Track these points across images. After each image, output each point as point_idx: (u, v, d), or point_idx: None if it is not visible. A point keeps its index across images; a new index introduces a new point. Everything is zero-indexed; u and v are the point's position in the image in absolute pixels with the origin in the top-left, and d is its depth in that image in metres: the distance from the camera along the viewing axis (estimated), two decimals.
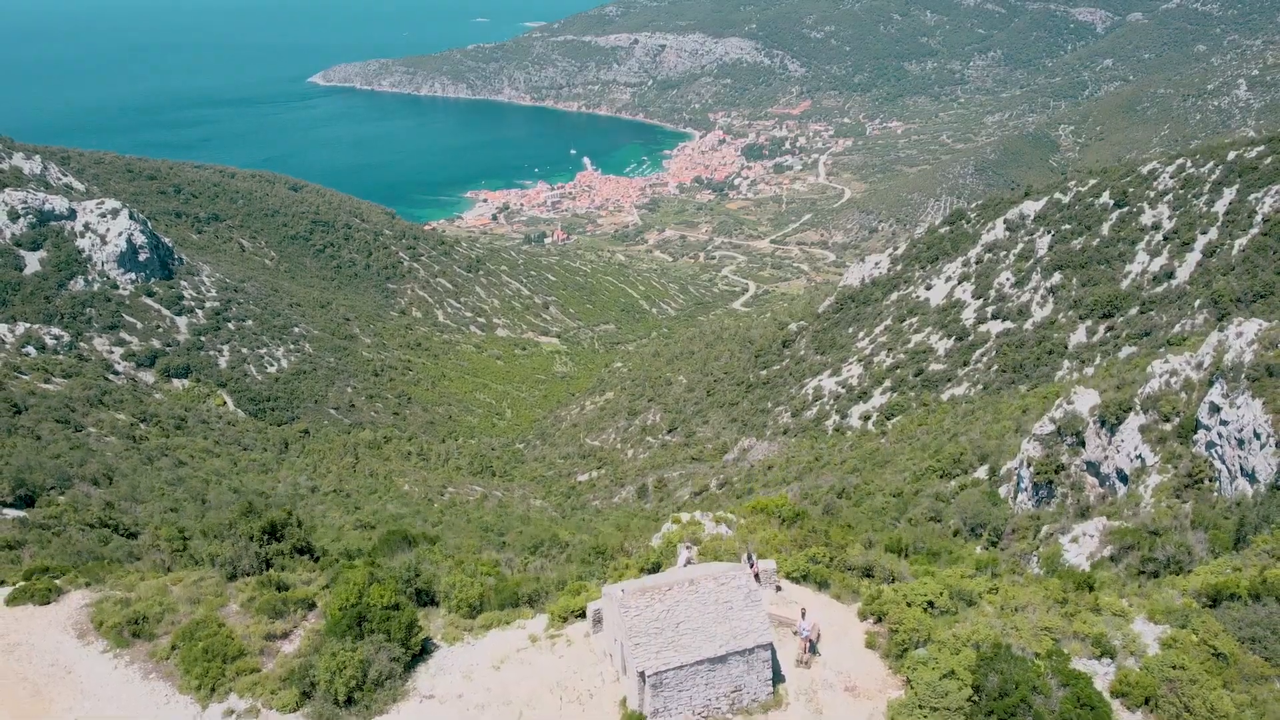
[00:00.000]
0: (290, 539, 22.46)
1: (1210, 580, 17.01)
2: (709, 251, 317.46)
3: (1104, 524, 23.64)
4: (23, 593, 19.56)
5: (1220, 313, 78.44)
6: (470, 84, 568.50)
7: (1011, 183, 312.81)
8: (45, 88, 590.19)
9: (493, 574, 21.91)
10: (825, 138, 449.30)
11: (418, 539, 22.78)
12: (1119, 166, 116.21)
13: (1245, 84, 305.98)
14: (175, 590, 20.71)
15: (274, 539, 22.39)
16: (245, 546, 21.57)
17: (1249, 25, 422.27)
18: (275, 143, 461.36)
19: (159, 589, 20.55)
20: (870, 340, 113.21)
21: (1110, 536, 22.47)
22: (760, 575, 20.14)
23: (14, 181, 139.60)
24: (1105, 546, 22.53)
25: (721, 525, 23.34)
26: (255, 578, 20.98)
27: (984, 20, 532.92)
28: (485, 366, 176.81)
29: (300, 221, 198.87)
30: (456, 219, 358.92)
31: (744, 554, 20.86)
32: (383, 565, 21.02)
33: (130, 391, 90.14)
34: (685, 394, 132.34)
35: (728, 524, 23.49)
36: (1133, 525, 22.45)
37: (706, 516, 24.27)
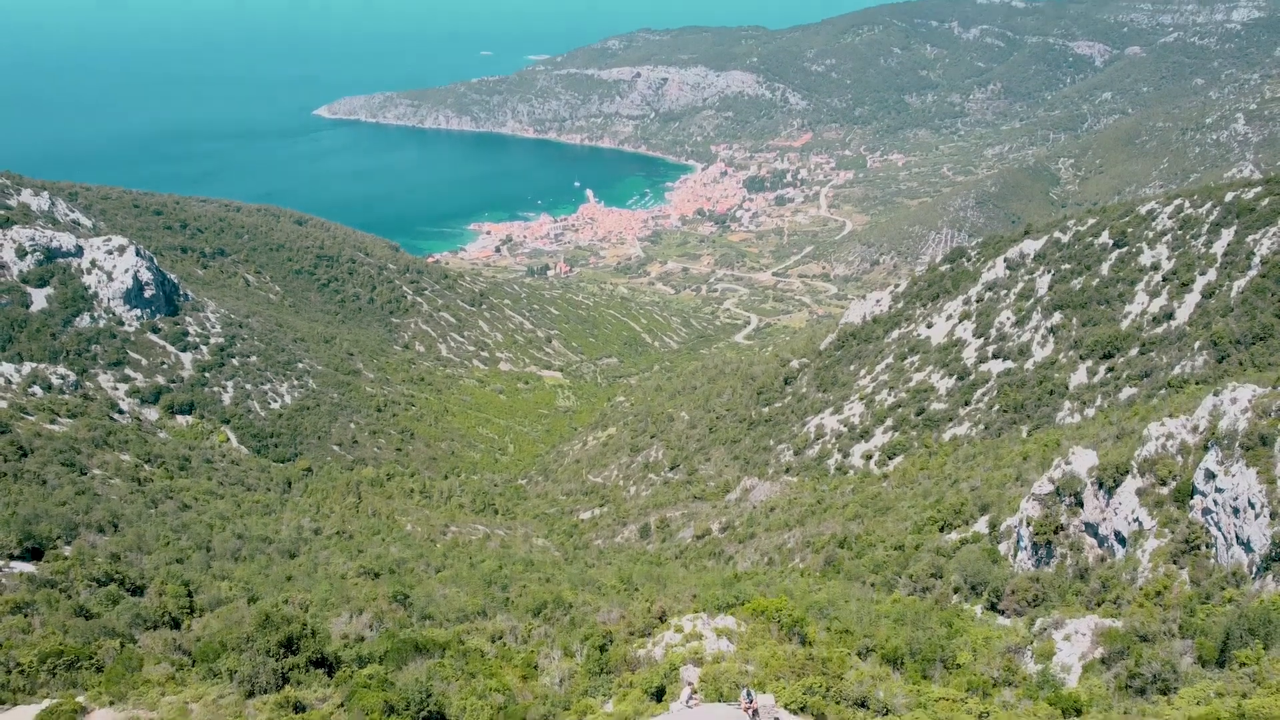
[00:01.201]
0: (305, 651, 22.70)
1: (1192, 713, 17.21)
2: (711, 284, 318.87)
3: (1095, 622, 23.87)
4: (50, 714, 19.70)
5: (1220, 354, 78.92)
6: (474, 116, 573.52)
7: (1012, 215, 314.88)
8: (54, 120, 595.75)
9: (502, 688, 22.12)
10: (826, 170, 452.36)
11: (428, 645, 23.00)
12: (1118, 206, 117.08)
13: (1243, 118, 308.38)
14: (196, 709, 20.94)
15: (290, 652, 22.62)
16: (263, 662, 21.81)
17: (1246, 59, 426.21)
18: (280, 175, 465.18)
19: (180, 709, 20.77)
20: (872, 378, 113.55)
21: (1101, 638, 22.71)
22: (760, 710, 20.57)
23: (22, 218, 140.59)
24: (1097, 648, 22.76)
25: (723, 640, 23.60)
26: (273, 696, 21.21)
27: (983, 54, 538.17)
28: (488, 401, 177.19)
29: (305, 256, 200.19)
30: (460, 251, 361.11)
31: (743, 691, 21.51)
32: (394, 681, 21.12)
33: (135, 431, 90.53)
34: (687, 430, 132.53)
35: (729, 637, 23.74)
36: (1123, 629, 22.68)
37: (708, 625, 24.54)
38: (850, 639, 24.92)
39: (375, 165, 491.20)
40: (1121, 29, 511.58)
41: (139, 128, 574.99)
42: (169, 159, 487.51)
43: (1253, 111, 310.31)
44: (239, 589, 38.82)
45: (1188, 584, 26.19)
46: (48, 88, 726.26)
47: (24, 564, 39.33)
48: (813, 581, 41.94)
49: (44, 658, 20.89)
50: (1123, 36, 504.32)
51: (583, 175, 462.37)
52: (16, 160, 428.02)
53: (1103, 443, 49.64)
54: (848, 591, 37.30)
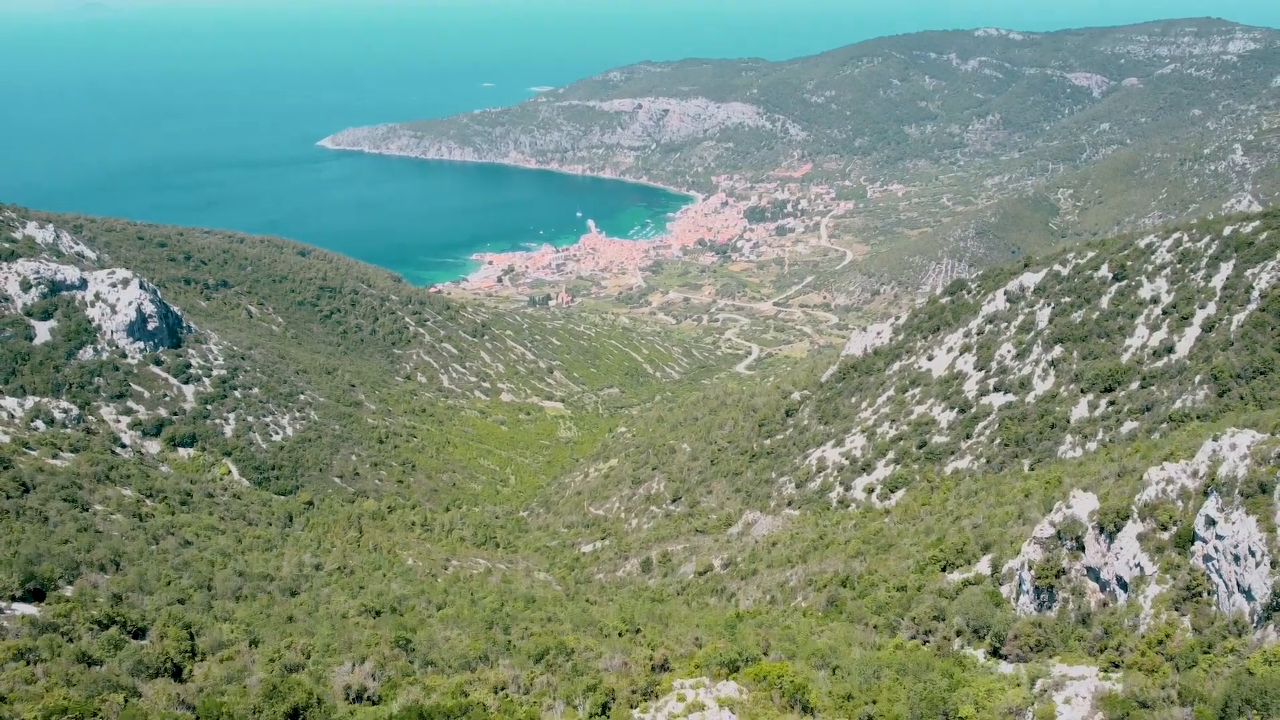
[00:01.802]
0: None
1: None
2: (712, 314, 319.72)
3: (1095, 685, 23.87)
4: None
5: (1221, 389, 79.03)
6: (477, 147, 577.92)
7: (1012, 246, 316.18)
8: (60, 151, 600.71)
9: None
10: (827, 200, 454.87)
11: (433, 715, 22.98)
12: (1117, 239, 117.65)
13: (1241, 149, 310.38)
14: None
15: None
16: None
17: (1243, 90, 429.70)
18: (283, 205, 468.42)
19: None
20: (873, 411, 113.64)
21: (1101, 702, 22.68)
22: None
23: (27, 251, 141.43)
24: (1096, 713, 22.73)
25: (725, 711, 23.59)
26: None
27: (982, 85, 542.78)
28: (489, 432, 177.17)
29: (308, 287, 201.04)
30: (462, 281, 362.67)
31: None
32: None
33: (137, 465, 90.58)
34: (689, 462, 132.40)
35: (731, 708, 23.74)
36: (1123, 693, 22.68)
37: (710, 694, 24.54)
38: (852, 705, 24.86)
39: (378, 195, 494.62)
40: (1118, 60, 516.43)
41: (145, 157, 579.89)
42: (174, 188, 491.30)
43: (1250, 142, 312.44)
44: (240, 631, 38.75)
45: (1190, 632, 26.20)
46: (55, 117, 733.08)
47: (26, 605, 39.33)
48: (815, 623, 41.82)
49: (48, 715, 20.87)
50: (1120, 68, 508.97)
51: (584, 206, 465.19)
52: (24, 190, 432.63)
53: (1103, 481, 49.68)
54: (850, 635, 37.20)
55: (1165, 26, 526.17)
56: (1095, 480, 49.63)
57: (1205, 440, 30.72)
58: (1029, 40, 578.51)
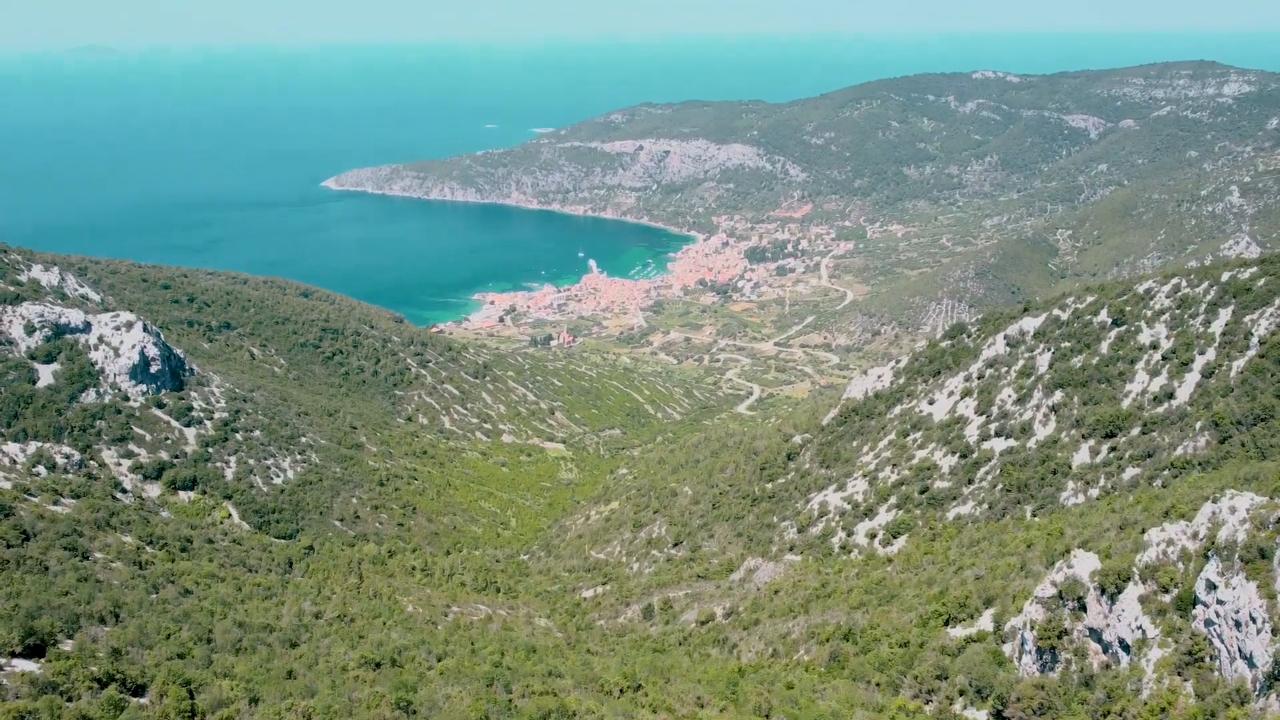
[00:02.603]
0: None
1: None
2: (713, 354, 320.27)
3: None
4: None
5: (1221, 435, 79.11)
6: (479, 188, 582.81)
7: (1012, 286, 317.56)
8: (65, 191, 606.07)
9: None
10: (827, 240, 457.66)
11: None
12: (1116, 284, 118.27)
13: (1238, 190, 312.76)
14: None
15: None
16: None
17: (1238, 132, 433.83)
18: (287, 245, 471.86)
19: None
20: (874, 455, 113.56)
21: None
22: None
23: (32, 294, 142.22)
24: None
25: None
26: None
27: (980, 126, 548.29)
28: (490, 474, 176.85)
29: (310, 329, 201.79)
30: (464, 321, 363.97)
31: None
32: None
33: (137, 511, 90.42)
34: (690, 506, 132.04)
35: None
36: None
37: None
38: None
39: (381, 236, 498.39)
40: (1115, 103, 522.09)
41: (149, 197, 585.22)
42: (178, 228, 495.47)
43: (1247, 184, 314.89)
44: (240, 689, 38.61)
45: (1192, 698, 26.16)
46: (60, 157, 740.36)
47: (26, 662, 39.25)
48: (817, 679, 41.61)
49: None
50: (1116, 110, 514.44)
51: (586, 246, 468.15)
52: (30, 230, 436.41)
53: (1105, 533, 49.69)
54: (853, 695, 37.02)
55: (1161, 69, 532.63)
56: (1097, 532, 49.68)
57: (1205, 502, 30.85)
58: (1026, 83, 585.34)
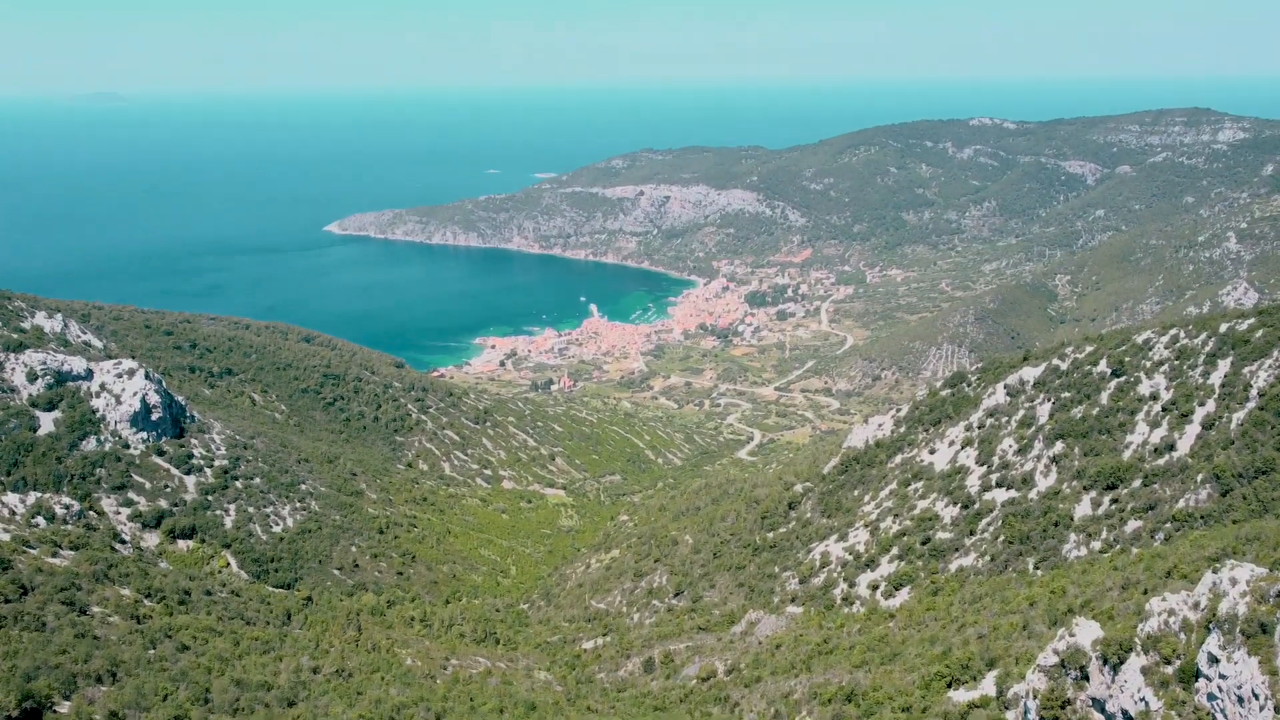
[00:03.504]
0: None
1: None
2: (713, 398, 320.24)
3: None
4: None
5: (1223, 488, 79.04)
6: (481, 233, 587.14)
7: (1012, 331, 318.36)
8: (72, 236, 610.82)
9: None
10: (827, 285, 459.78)
11: None
12: (1115, 334, 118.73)
13: (1235, 236, 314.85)
14: None
15: None
16: None
17: (1234, 178, 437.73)
18: (289, 289, 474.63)
19: None
20: (876, 504, 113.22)
21: None
22: None
23: (35, 341, 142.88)
24: None
25: None
26: None
27: (978, 172, 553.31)
28: (490, 521, 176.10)
29: (311, 375, 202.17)
30: (465, 365, 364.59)
31: None
32: None
33: (135, 563, 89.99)
34: (691, 555, 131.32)
35: None
36: None
37: None
38: None
39: (383, 280, 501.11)
40: (1111, 149, 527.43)
41: (155, 242, 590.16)
42: (182, 273, 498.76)
43: (1244, 230, 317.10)
44: None
45: None
46: (68, 203, 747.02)
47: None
48: None
49: None
50: (1113, 156, 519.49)
51: (587, 290, 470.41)
52: (36, 274, 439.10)
53: (1108, 592, 49.54)
54: None
55: (1156, 116, 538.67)
56: (1099, 592, 49.54)
57: (1206, 571, 30.88)
58: (1023, 129, 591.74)
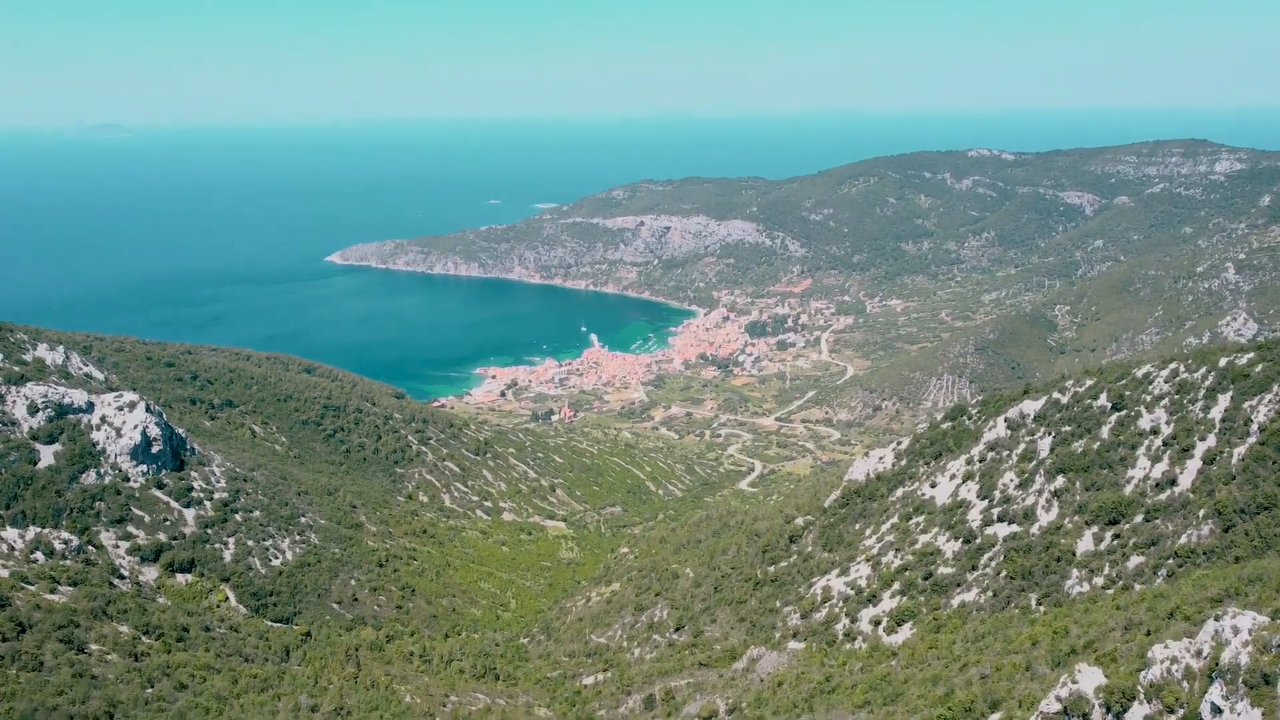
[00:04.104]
0: None
1: None
2: (714, 429, 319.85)
3: None
4: None
5: (1225, 524, 78.84)
6: (482, 263, 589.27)
7: (1012, 362, 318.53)
8: (76, 266, 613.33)
9: None
10: (827, 315, 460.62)
11: None
12: (1114, 367, 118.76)
13: (1233, 267, 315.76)
14: None
15: None
16: None
17: (1231, 209, 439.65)
18: (290, 319, 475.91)
19: None
20: (877, 538, 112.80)
21: None
22: None
23: (36, 374, 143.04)
24: None
25: None
26: None
27: (976, 203, 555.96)
28: (490, 553, 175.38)
29: (312, 406, 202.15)
30: (466, 395, 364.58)
31: None
32: None
33: (134, 599, 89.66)
34: (692, 589, 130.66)
35: None
36: None
37: None
38: None
39: (384, 310, 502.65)
40: (1109, 179, 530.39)
41: (159, 272, 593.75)
42: (185, 303, 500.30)
43: (1242, 261, 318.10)
44: None
45: None
46: (72, 233, 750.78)
47: None
48: None
49: None
50: (1110, 187, 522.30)
51: (588, 320, 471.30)
52: (40, 304, 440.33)
53: (1110, 633, 49.35)
54: None
55: (1153, 147, 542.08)
56: (1102, 632, 49.35)
57: (1208, 619, 30.84)
58: (1021, 160, 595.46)
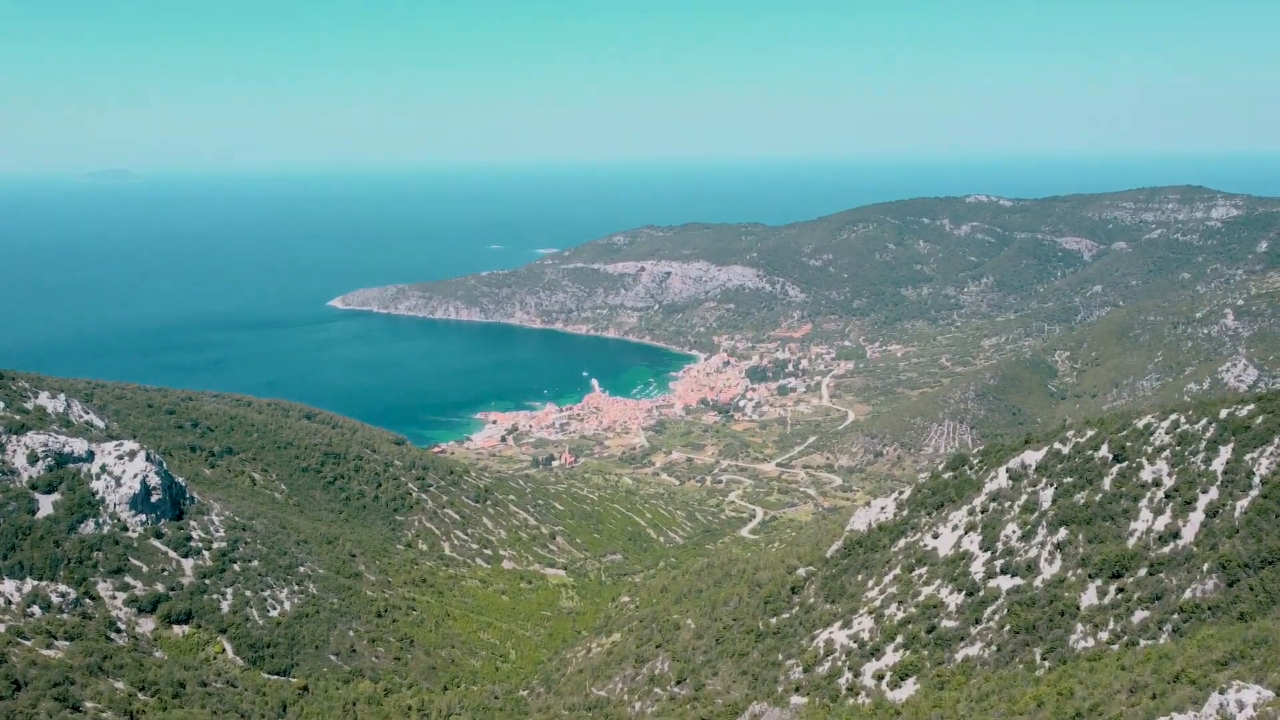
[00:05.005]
0: None
1: None
2: (715, 474, 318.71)
3: None
4: None
5: (1230, 578, 78.37)
6: (484, 308, 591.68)
7: (1013, 407, 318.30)
8: (81, 310, 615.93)
9: None
10: (827, 360, 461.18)
11: None
12: (1115, 418, 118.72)
13: (1232, 314, 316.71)
14: None
15: None
16: None
17: (1229, 254, 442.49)
18: (292, 363, 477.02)
19: None
20: (880, 590, 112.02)
21: None
22: None
23: (37, 423, 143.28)
24: None
25: None
26: None
27: (975, 249, 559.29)
28: (490, 603, 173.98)
29: (312, 453, 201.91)
30: (466, 440, 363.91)
31: None
32: None
33: (130, 653, 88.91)
34: (694, 641, 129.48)
35: None
36: None
37: None
38: None
39: (386, 355, 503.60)
40: (1106, 225, 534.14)
41: (164, 317, 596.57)
42: (186, 347, 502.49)
43: (1241, 307, 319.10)
44: None
45: None
46: (79, 277, 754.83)
47: None
48: None
49: None
50: (1108, 232, 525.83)
51: (588, 365, 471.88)
52: (43, 349, 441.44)
53: (1115, 695, 48.95)
54: None
55: (1149, 194, 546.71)
56: (1107, 695, 48.97)
57: (1213, 694, 30.70)
58: (1019, 206, 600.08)
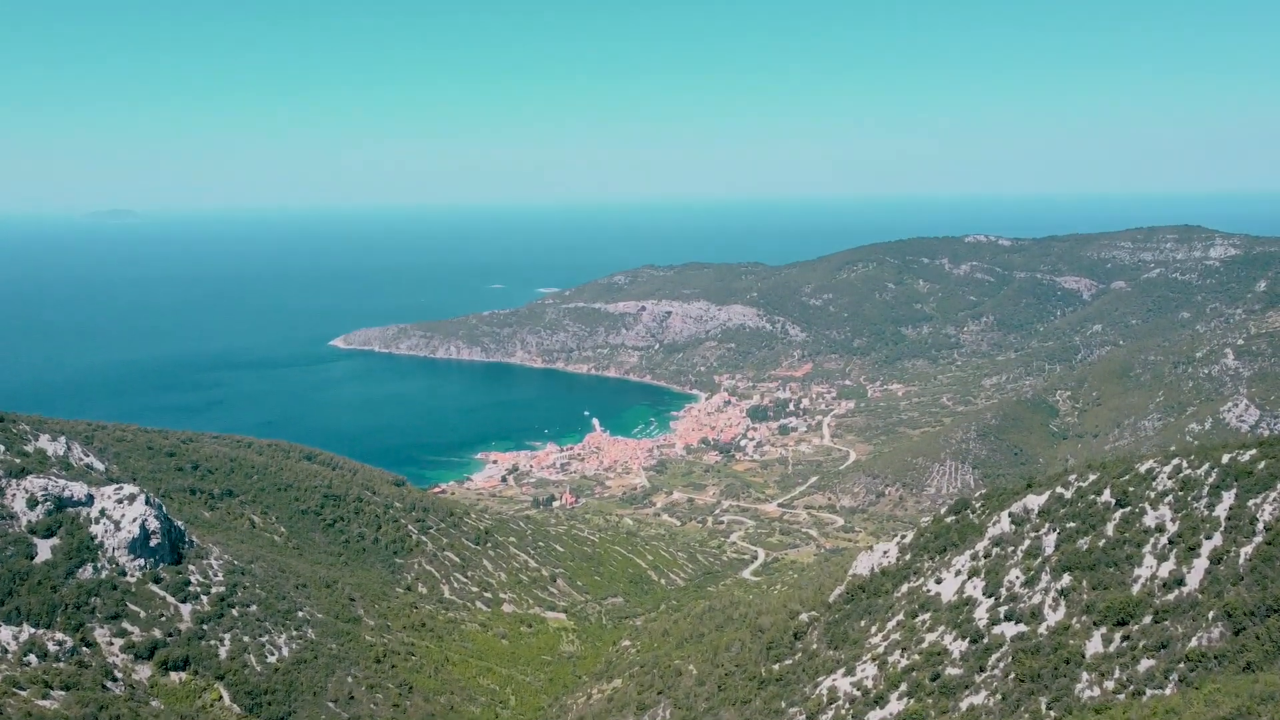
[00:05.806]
0: None
1: None
2: (716, 515, 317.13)
3: None
4: None
5: (1235, 626, 77.70)
6: (485, 347, 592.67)
7: (1014, 447, 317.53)
8: (79, 350, 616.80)
9: None
10: (828, 399, 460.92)
11: None
12: (1117, 462, 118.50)
13: (1232, 353, 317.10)
14: None
15: None
16: None
17: (1228, 294, 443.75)
18: (293, 403, 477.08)
19: None
20: (883, 636, 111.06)
21: None
22: None
23: (38, 466, 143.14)
24: None
25: None
26: None
27: (975, 288, 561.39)
28: (490, 647, 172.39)
29: (312, 495, 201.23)
30: (466, 480, 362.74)
31: None
32: None
33: (126, 703, 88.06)
34: (696, 687, 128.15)
35: None
36: None
37: None
38: None
39: (386, 394, 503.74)
40: (1105, 264, 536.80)
41: (165, 356, 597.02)
42: (187, 387, 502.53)
43: (1241, 347, 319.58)
44: None
45: None
46: (81, 317, 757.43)
47: None
48: None
49: None
50: (1107, 272, 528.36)
51: (589, 404, 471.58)
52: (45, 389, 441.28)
53: None
54: None
55: (1147, 233, 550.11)
56: None
57: None
58: (1018, 246, 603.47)
